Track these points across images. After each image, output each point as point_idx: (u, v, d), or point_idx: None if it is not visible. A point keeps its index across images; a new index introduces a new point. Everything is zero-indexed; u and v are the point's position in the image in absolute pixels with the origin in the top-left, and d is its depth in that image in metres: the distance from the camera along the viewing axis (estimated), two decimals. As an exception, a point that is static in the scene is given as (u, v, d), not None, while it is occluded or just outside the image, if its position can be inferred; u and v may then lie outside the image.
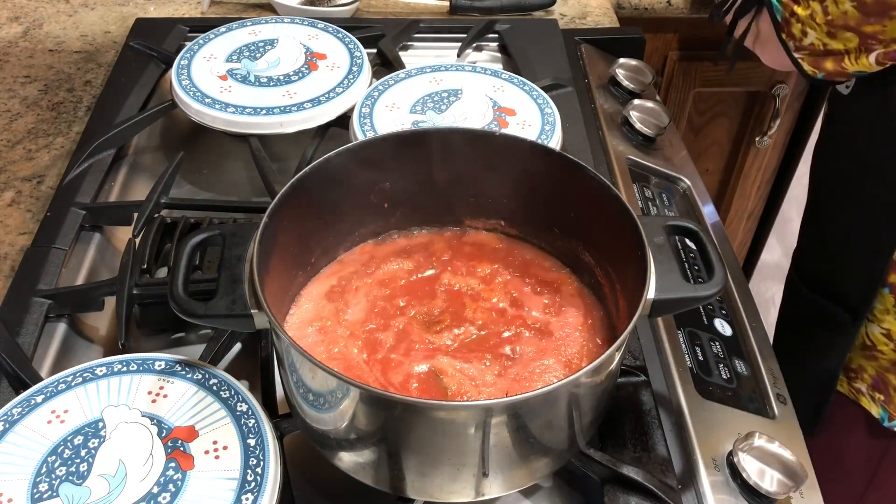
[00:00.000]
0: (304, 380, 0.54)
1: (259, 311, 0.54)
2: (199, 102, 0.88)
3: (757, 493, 0.59)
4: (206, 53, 0.95)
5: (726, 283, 0.60)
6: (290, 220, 0.60)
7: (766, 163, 1.48)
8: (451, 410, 0.51)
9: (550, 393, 0.50)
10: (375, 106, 0.89)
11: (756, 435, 0.62)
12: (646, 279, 0.55)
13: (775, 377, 0.70)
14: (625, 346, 0.55)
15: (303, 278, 0.66)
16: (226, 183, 0.91)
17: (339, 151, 0.63)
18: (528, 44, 1.07)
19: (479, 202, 0.70)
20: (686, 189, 0.90)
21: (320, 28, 1.01)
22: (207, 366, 0.62)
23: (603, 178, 0.61)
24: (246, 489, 0.54)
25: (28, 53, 1.08)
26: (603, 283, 0.65)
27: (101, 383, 0.60)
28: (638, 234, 0.57)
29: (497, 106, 0.90)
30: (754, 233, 1.64)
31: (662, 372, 0.69)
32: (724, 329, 0.74)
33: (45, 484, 0.54)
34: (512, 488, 0.57)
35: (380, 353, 0.61)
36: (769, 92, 1.37)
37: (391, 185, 0.67)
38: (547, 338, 0.63)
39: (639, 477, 0.59)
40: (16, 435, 0.56)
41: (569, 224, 0.66)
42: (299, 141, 0.89)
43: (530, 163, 0.65)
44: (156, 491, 0.54)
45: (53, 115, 0.98)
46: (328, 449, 0.58)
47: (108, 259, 0.81)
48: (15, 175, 0.89)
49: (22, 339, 0.68)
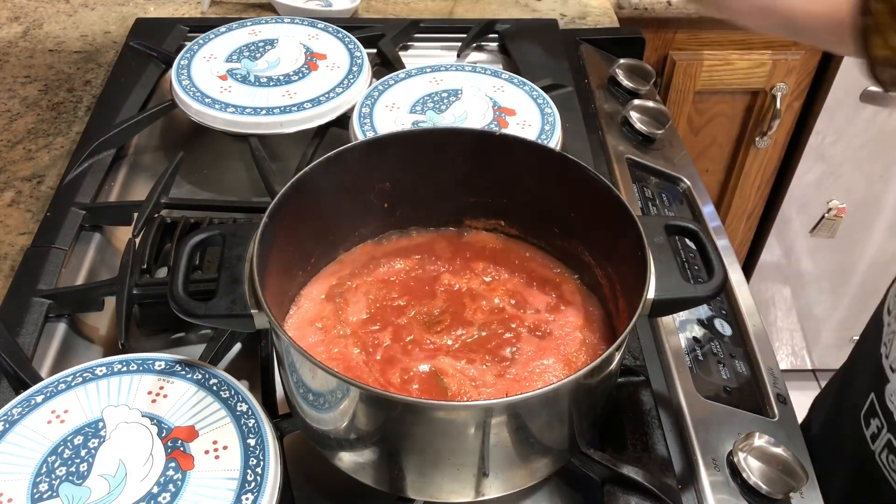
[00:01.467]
0: (304, 380, 0.54)
1: (259, 311, 0.54)
2: (199, 102, 0.88)
3: (757, 493, 0.59)
4: (206, 53, 0.95)
5: (726, 283, 0.60)
6: (290, 219, 0.60)
7: (766, 163, 1.48)
8: (451, 410, 0.51)
9: (550, 393, 0.50)
10: (375, 106, 0.89)
11: (756, 435, 0.62)
12: (646, 279, 0.55)
13: (775, 377, 0.70)
14: (625, 346, 0.55)
15: (303, 278, 0.66)
16: (226, 183, 0.91)
17: (339, 151, 0.63)
18: (528, 44, 1.07)
19: (479, 202, 0.70)
20: (686, 189, 0.90)
21: (320, 28, 1.01)
22: (207, 366, 0.62)
23: (603, 178, 0.61)
24: (246, 489, 0.54)
25: (28, 53, 1.08)
26: (603, 283, 0.65)
27: (101, 383, 0.60)
28: (638, 234, 0.57)
29: (497, 106, 0.90)
30: (754, 233, 1.64)
31: (662, 372, 0.69)
32: (724, 329, 0.74)
33: (45, 484, 0.54)
34: (512, 488, 0.57)
35: (379, 354, 0.61)
36: (769, 92, 1.37)
37: (391, 185, 0.67)
38: (547, 338, 0.63)
39: (639, 477, 0.59)
40: (16, 435, 0.56)
41: (569, 224, 0.66)
42: (299, 141, 0.89)
43: (530, 163, 0.65)
44: (156, 491, 0.54)
45: (53, 115, 0.98)
46: (328, 449, 0.58)
47: (108, 259, 0.81)
48: (15, 175, 0.89)
49: (22, 339, 0.68)
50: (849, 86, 1.37)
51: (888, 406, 0.63)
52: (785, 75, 1.35)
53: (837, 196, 1.54)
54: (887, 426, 0.63)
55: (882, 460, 0.64)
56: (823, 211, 1.56)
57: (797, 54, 1.34)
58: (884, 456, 0.63)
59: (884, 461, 0.64)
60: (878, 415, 0.65)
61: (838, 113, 1.41)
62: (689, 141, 1.43)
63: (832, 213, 1.56)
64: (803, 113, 1.45)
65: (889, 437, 0.63)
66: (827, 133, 1.44)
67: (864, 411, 0.67)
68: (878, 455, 0.64)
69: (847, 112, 1.41)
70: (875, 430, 0.65)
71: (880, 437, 0.64)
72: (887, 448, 0.63)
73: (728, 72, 1.34)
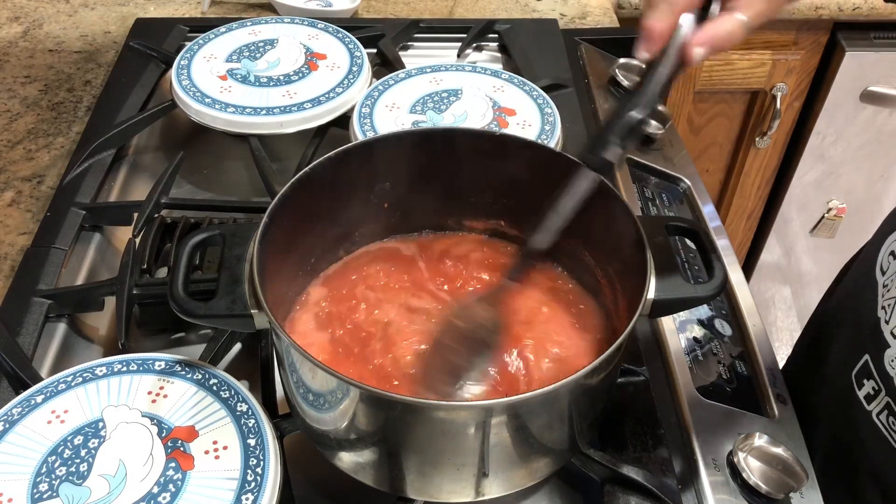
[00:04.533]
0: (304, 380, 0.54)
1: (259, 311, 0.54)
2: (199, 102, 0.88)
3: (757, 493, 0.59)
4: (206, 53, 0.95)
5: (726, 283, 0.60)
6: (291, 220, 0.60)
7: (766, 163, 1.48)
8: (451, 410, 0.51)
9: (550, 393, 0.50)
10: (375, 106, 0.89)
11: (756, 435, 0.62)
12: (646, 279, 0.55)
13: (775, 377, 0.70)
14: (625, 346, 0.55)
15: (303, 278, 0.66)
16: (226, 183, 0.91)
17: (338, 151, 0.63)
18: (528, 44, 1.07)
19: (479, 202, 0.70)
20: (686, 189, 0.90)
21: (320, 28, 1.01)
22: (207, 366, 0.62)
23: (603, 179, 0.61)
24: (246, 489, 0.54)
25: (28, 53, 1.08)
26: (603, 283, 0.65)
27: (101, 383, 0.60)
28: (638, 234, 0.57)
29: (497, 106, 0.90)
30: (754, 233, 1.64)
31: (662, 372, 0.69)
32: (724, 329, 0.74)
33: (45, 484, 0.54)
34: (512, 488, 0.57)
35: (380, 354, 0.61)
36: (769, 92, 1.37)
37: (391, 185, 0.67)
38: (547, 338, 0.63)
39: (639, 477, 0.59)
40: (16, 435, 0.56)
41: (569, 224, 0.66)
42: (299, 141, 0.89)
43: (530, 163, 0.65)
44: (156, 491, 0.54)
45: (53, 115, 0.98)
46: (328, 449, 0.58)
47: (108, 259, 0.81)
48: (15, 175, 0.89)
49: (22, 339, 0.68)
50: (849, 86, 1.37)
51: (888, 371, 0.63)
52: (785, 75, 1.35)
53: (837, 196, 1.54)
54: (885, 390, 0.63)
55: (882, 421, 0.64)
56: (823, 211, 1.57)
57: (797, 54, 1.34)
58: (883, 417, 0.64)
59: (883, 422, 0.64)
60: (873, 377, 0.65)
61: (838, 113, 1.41)
62: (689, 141, 1.43)
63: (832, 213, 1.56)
64: (803, 113, 1.45)
65: (888, 399, 0.63)
66: (827, 133, 1.44)
67: (855, 371, 0.67)
68: (877, 416, 0.64)
69: (847, 112, 1.41)
70: (871, 391, 0.65)
71: (877, 399, 0.64)
72: (887, 410, 0.63)
73: (728, 72, 1.34)
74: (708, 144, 1.46)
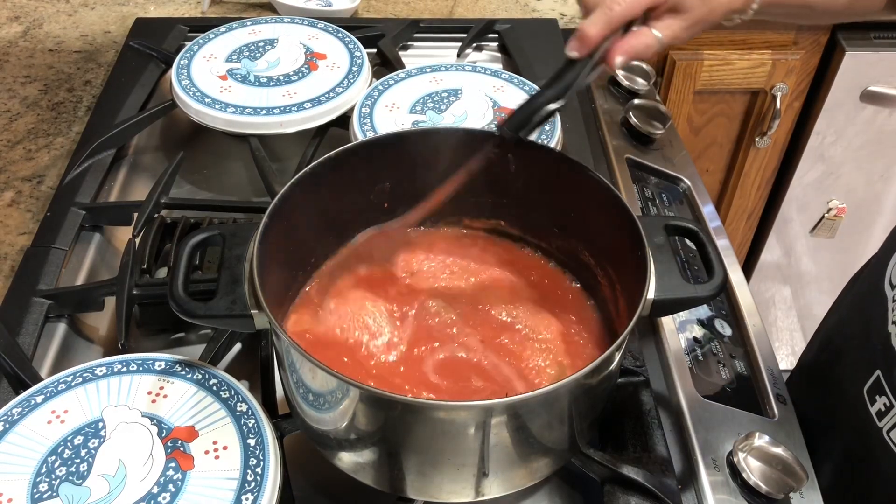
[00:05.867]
0: (304, 380, 0.54)
1: (259, 311, 0.54)
2: (199, 102, 0.88)
3: (757, 493, 0.59)
4: (206, 53, 0.95)
5: (726, 283, 0.60)
6: (291, 220, 0.60)
7: (766, 163, 1.48)
8: (451, 410, 0.51)
9: (550, 393, 0.50)
10: (375, 106, 0.89)
11: (756, 435, 0.62)
12: (646, 279, 0.55)
13: (775, 377, 0.70)
14: (625, 346, 0.55)
15: (303, 278, 0.66)
16: (226, 183, 0.91)
17: (338, 151, 0.63)
18: (528, 44, 1.07)
19: (479, 202, 0.70)
20: (686, 189, 0.90)
21: (320, 28, 1.01)
22: (207, 366, 0.62)
23: (603, 178, 0.61)
24: (246, 489, 0.54)
25: (28, 53, 1.08)
26: (603, 283, 0.65)
27: (101, 383, 0.60)
28: (638, 234, 0.57)
29: (497, 106, 0.90)
30: (754, 233, 1.64)
31: (662, 372, 0.69)
32: (724, 329, 0.74)
33: (45, 484, 0.54)
34: (512, 488, 0.57)
35: (379, 354, 0.61)
36: (769, 92, 1.37)
37: (391, 184, 0.67)
38: (547, 338, 0.63)
39: (639, 477, 0.59)
40: (16, 435, 0.56)
41: (569, 224, 0.66)
42: (299, 141, 0.89)
43: (530, 163, 0.65)
44: (156, 491, 0.54)
45: (53, 115, 0.98)
46: (328, 449, 0.58)
47: (108, 259, 0.81)
48: (15, 175, 0.89)
49: (22, 339, 0.68)
50: (849, 86, 1.37)
51: None
52: (785, 75, 1.35)
53: (837, 196, 1.54)
54: None
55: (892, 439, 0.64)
56: (823, 211, 1.56)
57: (797, 54, 1.34)
58: (893, 434, 0.64)
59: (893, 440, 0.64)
60: (885, 393, 0.64)
61: (838, 113, 1.41)
62: (689, 141, 1.43)
63: (832, 213, 1.56)
64: (803, 113, 1.45)
65: None
66: (827, 133, 1.44)
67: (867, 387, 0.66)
68: (888, 434, 0.64)
69: (847, 112, 1.41)
70: (882, 408, 0.65)
71: (889, 416, 0.64)
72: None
73: (728, 72, 1.34)
74: (708, 144, 1.46)
